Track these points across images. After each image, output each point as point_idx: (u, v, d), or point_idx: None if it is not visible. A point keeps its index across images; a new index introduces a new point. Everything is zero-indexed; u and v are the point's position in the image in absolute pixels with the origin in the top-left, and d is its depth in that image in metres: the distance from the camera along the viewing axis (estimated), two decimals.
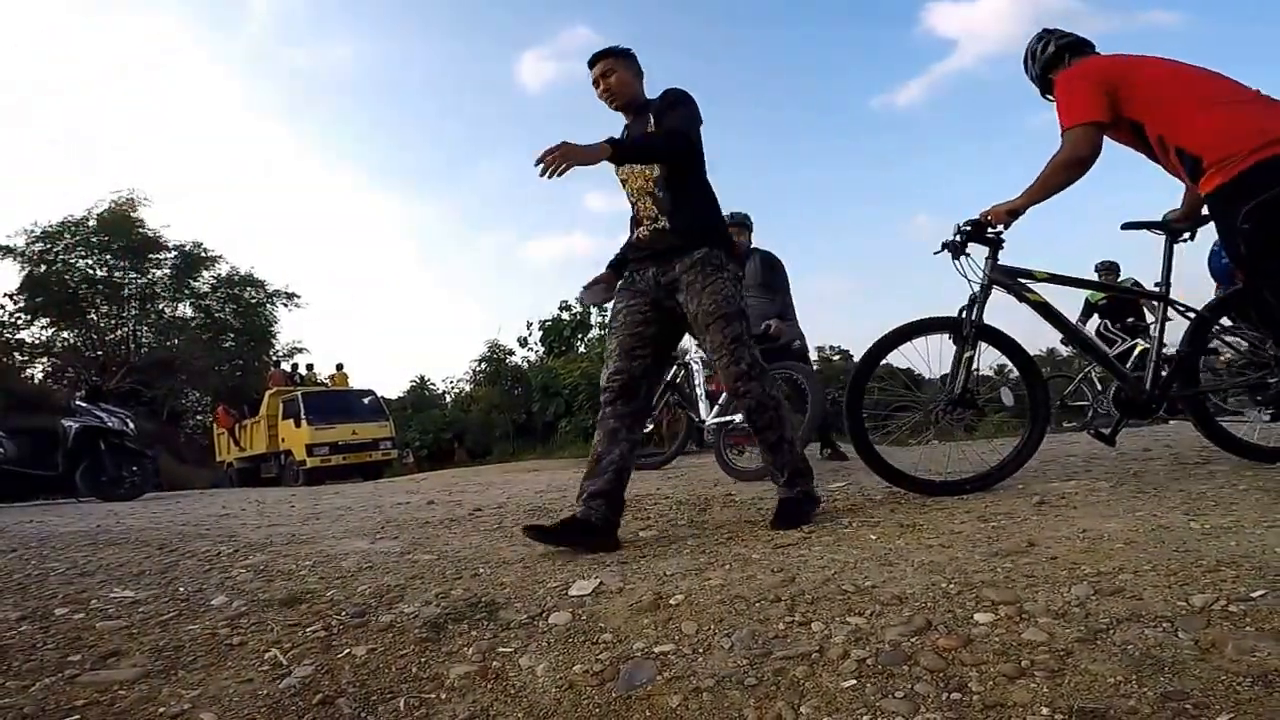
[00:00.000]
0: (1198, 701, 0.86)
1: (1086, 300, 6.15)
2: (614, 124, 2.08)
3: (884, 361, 2.31)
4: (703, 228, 1.99)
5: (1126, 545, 1.43)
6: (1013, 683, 0.95)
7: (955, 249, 2.31)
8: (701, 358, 4.10)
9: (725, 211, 4.43)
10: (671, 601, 1.36)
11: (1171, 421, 4.42)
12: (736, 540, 1.88)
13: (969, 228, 2.28)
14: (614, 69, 1.99)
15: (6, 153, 33.42)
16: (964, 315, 2.28)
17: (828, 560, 1.57)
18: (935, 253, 2.45)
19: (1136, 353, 4.92)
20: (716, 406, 3.80)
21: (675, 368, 4.26)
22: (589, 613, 1.35)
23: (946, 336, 2.32)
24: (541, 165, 1.70)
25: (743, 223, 4.20)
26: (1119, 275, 5.97)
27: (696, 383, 4.05)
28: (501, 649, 1.22)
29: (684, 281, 1.92)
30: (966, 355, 2.26)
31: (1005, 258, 2.31)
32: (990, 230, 2.27)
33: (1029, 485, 2.27)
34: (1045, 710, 0.89)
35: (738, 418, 3.51)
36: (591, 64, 2.01)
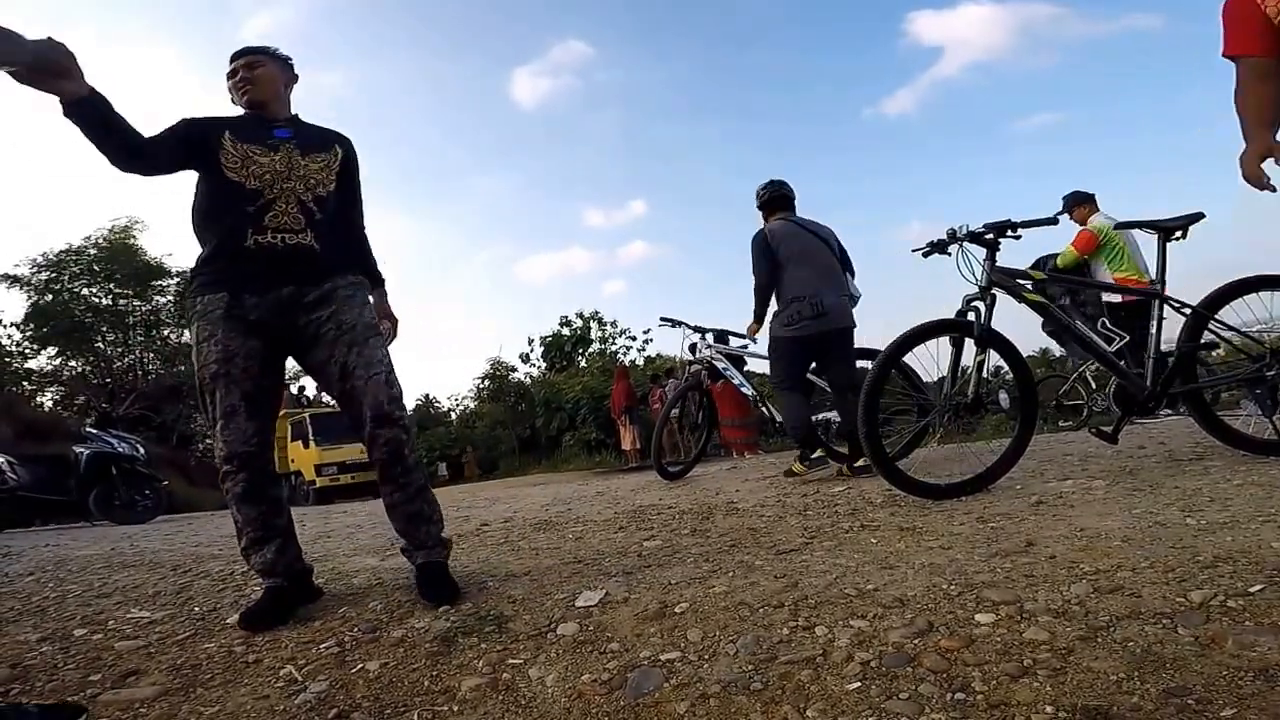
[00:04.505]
0: (1200, 697, 0.88)
1: None
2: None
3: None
4: (359, 255, 1.86)
5: (1124, 543, 1.45)
6: (1016, 682, 0.97)
7: (940, 248, 2.36)
8: (725, 351, 4.06)
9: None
10: (677, 609, 1.38)
11: (1168, 417, 4.40)
12: (739, 548, 1.90)
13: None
14: (262, 63, 1.79)
15: (9, 176, 33.81)
16: (975, 319, 2.30)
17: (829, 565, 1.59)
18: (925, 254, 2.49)
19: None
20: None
21: (687, 376, 4.26)
22: (596, 623, 1.37)
23: (946, 339, 2.35)
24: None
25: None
26: None
27: (739, 381, 3.99)
28: (511, 661, 1.24)
29: (339, 296, 1.69)
30: (979, 359, 2.28)
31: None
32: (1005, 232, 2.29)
33: (1026, 485, 2.28)
34: (1049, 709, 0.90)
35: (834, 415, 3.44)
36: (238, 56, 1.80)
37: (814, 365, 3.33)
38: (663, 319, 4.35)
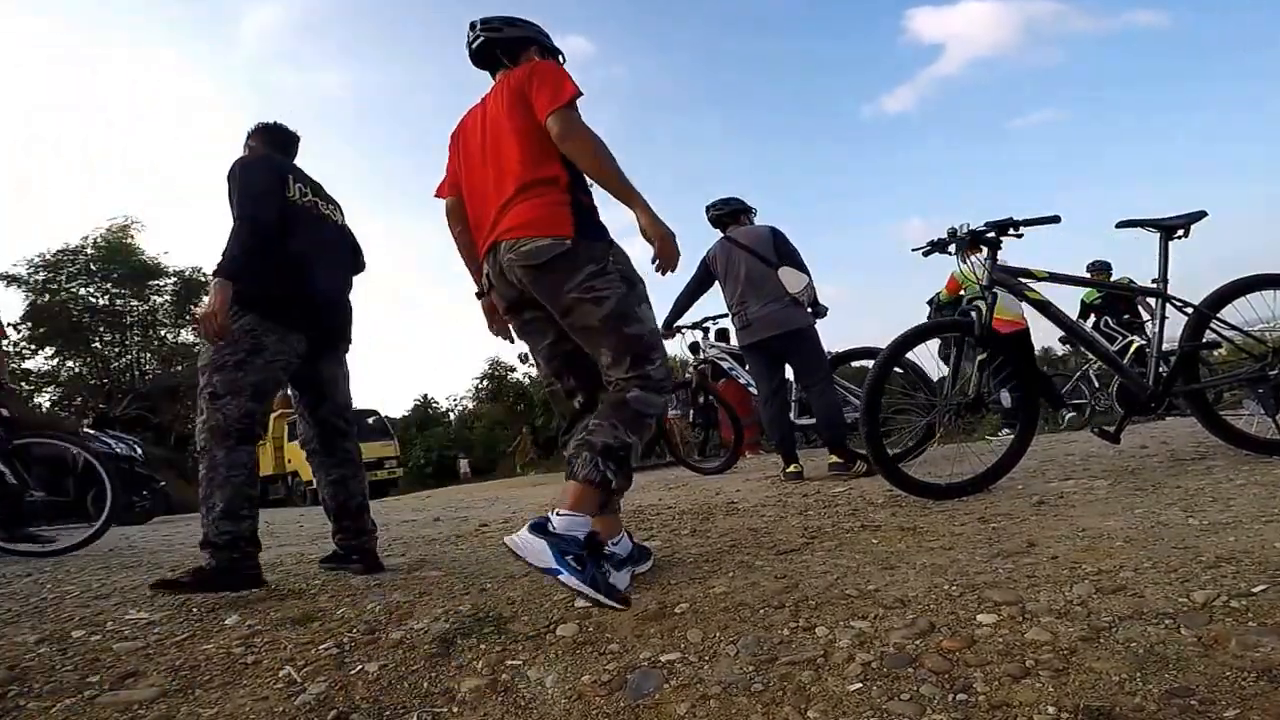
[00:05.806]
0: (1203, 697, 0.87)
1: (1082, 300, 6.22)
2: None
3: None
4: None
5: (1126, 543, 1.44)
6: (1018, 682, 0.96)
7: (940, 247, 2.36)
8: (730, 350, 4.11)
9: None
10: (676, 610, 1.37)
11: (1167, 418, 4.42)
12: (739, 548, 1.90)
13: (980, 228, 2.29)
14: None
15: (8, 177, 33.79)
16: (976, 318, 2.30)
17: (830, 565, 1.58)
18: (925, 253, 2.49)
19: (1133, 350, 4.94)
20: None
21: (690, 374, 4.30)
22: (595, 623, 1.36)
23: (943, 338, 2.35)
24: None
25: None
26: (1111, 275, 6.02)
27: (745, 380, 4.05)
28: (510, 661, 1.23)
29: None
30: (980, 358, 2.28)
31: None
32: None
33: (1028, 485, 2.28)
34: (1051, 709, 0.89)
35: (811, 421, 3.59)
36: None
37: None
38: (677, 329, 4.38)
